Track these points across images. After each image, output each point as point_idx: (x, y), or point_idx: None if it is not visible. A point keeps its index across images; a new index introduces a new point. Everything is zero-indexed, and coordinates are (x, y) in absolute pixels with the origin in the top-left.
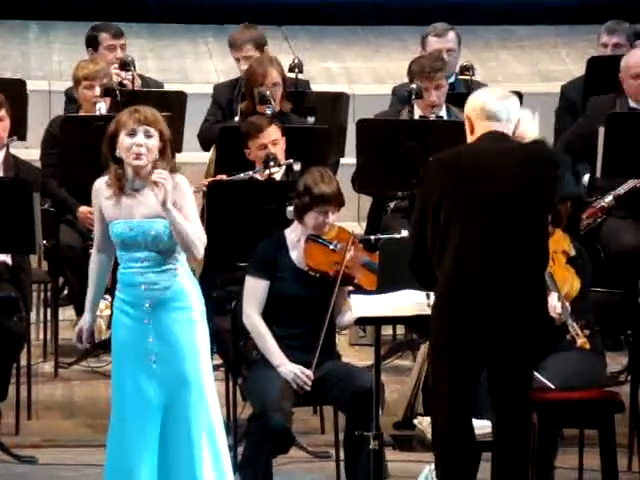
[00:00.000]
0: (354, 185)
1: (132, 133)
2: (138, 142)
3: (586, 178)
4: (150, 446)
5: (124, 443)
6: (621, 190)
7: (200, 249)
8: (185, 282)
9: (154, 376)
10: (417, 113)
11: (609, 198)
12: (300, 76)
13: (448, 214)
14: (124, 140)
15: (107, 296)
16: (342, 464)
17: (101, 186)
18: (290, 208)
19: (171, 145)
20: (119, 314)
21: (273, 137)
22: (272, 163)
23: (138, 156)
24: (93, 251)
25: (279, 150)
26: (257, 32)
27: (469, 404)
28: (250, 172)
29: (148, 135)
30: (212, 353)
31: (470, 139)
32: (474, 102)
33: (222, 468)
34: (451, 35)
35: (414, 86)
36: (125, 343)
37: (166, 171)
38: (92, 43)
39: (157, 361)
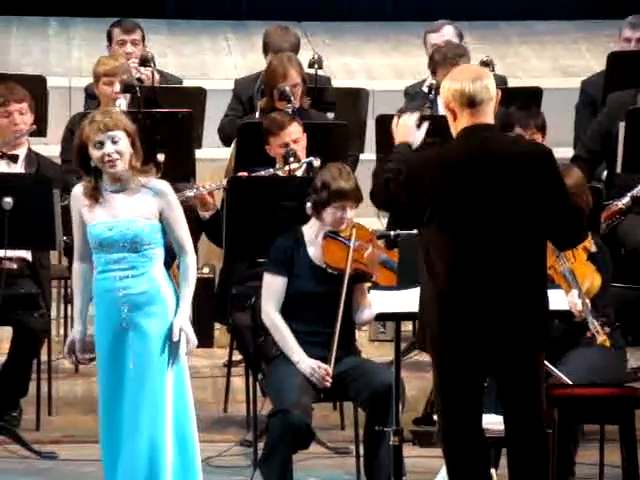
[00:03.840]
0: None
1: (99, 145)
2: (107, 152)
3: (604, 175)
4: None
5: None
6: (638, 193)
7: (195, 264)
8: (162, 285)
9: (130, 380)
10: (440, 108)
11: (626, 199)
12: (320, 72)
13: (438, 221)
14: (94, 153)
15: None
16: (362, 460)
17: (79, 193)
18: (309, 204)
19: (139, 137)
20: (98, 320)
21: (294, 136)
22: (292, 159)
23: (113, 164)
24: (75, 261)
25: (300, 148)
26: (296, 36)
27: (469, 412)
28: (271, 169)
29: (114, 141)
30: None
31: (454, 127)
32: (452, 88)
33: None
34: (446, 29)
35: (434, 82)
36: (105, 349)
37: (180, 329)
38: (108, 38)
39: (135, 364)
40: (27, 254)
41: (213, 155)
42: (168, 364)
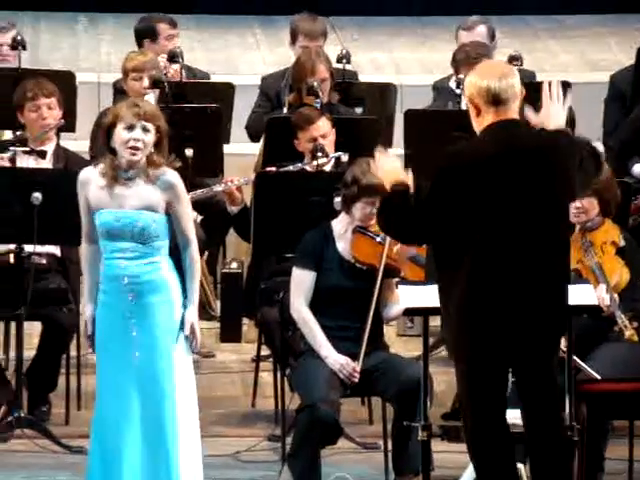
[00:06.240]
0: None
1: (130, 127)
2: (135, 137)
3: (637, 167)
4: (131, 440)
5: (105, 436)
6: None
7: (198, 256)
8: (167, 275)
9: (136, 369)
10: (464, 103)
11: None
12: (348, 67)
13: (463, 219)
14: (121, 133)
15: None
16: (390, 455)
17: (90, 176)
18: (338, 199)
19: (168, 139)
20: (102, 307)
21: (323, 131)
22: (320, 154)
23: (134, 151)
24: (83, 243)
25: (329, 143)
26: (324, 24)
27: (493, 409)
28: (299, 164)
29: (145, 130)
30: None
31: (478, 123)
32: (477, 85)
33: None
34: (479, 29)
35: (461, 76)
36: (109, 336)
37: (193, 321)
38: (149, 34)
39: (140, 354)
40: (56, 249)
41: (241, 150)
42: (175, 354)
